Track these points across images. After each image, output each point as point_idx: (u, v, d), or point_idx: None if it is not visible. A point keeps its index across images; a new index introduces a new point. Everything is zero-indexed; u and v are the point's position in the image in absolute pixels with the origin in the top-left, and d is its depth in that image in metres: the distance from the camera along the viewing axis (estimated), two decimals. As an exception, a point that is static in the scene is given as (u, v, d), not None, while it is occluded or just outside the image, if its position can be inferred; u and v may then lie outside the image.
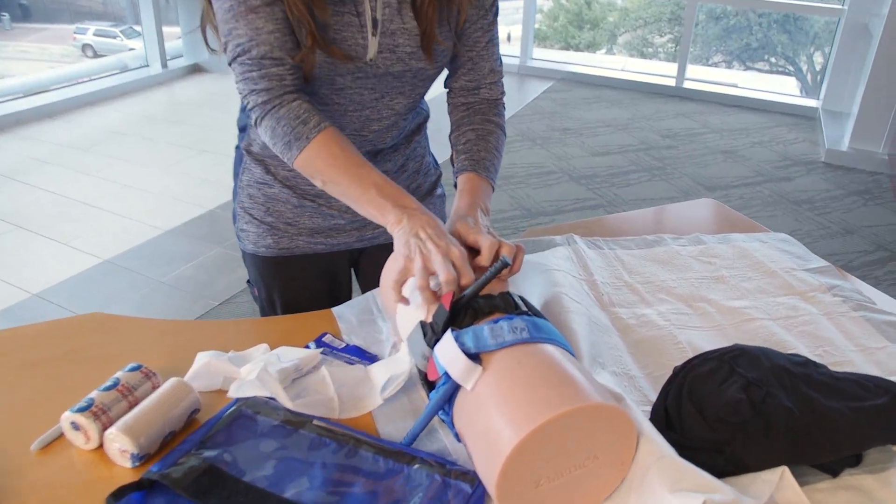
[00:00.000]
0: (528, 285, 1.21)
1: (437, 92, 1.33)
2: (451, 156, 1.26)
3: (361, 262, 1.48)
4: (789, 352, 1.05)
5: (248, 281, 1.48)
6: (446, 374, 0.83)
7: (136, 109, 5.54)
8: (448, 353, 0.84)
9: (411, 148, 1.38)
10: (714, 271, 1.34)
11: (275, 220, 1.34)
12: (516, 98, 5.83)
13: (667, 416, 0.90)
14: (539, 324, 0.88)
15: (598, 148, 4.73)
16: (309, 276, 1.41)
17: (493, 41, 1.26)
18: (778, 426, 0.83)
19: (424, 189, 1.45)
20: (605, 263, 1.36)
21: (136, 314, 2.85)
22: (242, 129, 1.34)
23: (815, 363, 0.94)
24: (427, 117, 1.42)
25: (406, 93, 1.22)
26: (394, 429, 0.94)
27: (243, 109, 1.30)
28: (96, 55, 9.34)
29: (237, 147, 1.36)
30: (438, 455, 0.89)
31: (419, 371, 0.92)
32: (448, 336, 0.86)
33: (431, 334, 0.89)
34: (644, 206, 3.85)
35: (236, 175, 1.37)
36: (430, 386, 0.91)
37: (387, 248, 1.04)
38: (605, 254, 1.40)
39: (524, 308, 0.92)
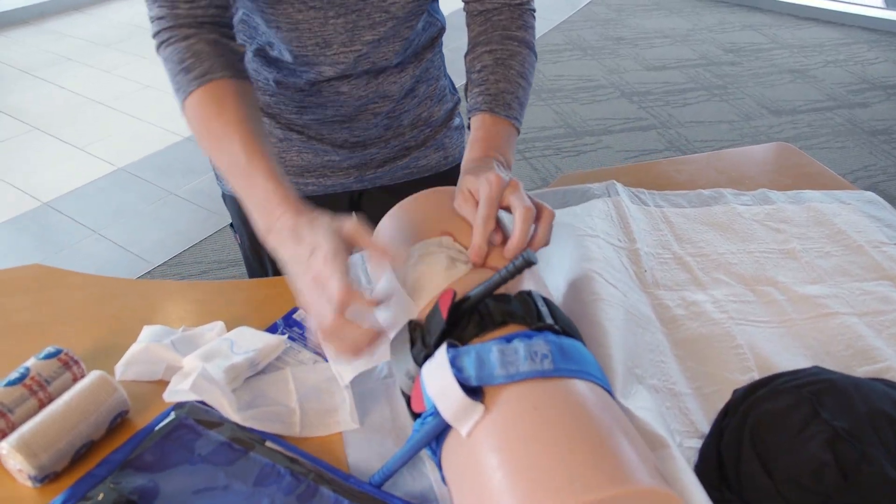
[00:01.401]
0: (553, 255, 0.99)
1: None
2: (465, 85, 1.01)
3: (363, 205, 1.27)
4: (879, 364, 0.87)
5: (231, 225, 1.27)
6: (436, 407, 0.63)
7: (165, 3, 5.32)
8: (439, 382, 0.62)
9: (422, 68, 1.13)
10: (784, 242, 1.10)
11: None
12: (568, 2, 5.44)
13: (720, 465, 0.70)
14: (567, 347, 0.65)
15: (654, 61, 4.39)
16: None
17: None
18: None
19: (439, 119, 1.21)
20: (650, 226, 1.12)
21: (145, 229, 2.78)
22: None
23: None
24: (442, 30, 1.16)
25: None
26: (368, 453, 0.75)
27: None
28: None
29: None
30: (420, 501, 0.70)
31: (402, 392, 0.71)
32: (441, 356, 0.63)
33: (421, 346, 0.67)
34: (700, 129, 3.56)
35: None
36: (414, 413, 0.70)
37: (392, 190, 0.81)
38: (650, 212, 1.16)
39: (549, 319, 0.69)
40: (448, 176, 1.25)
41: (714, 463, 0.71)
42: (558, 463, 0.55)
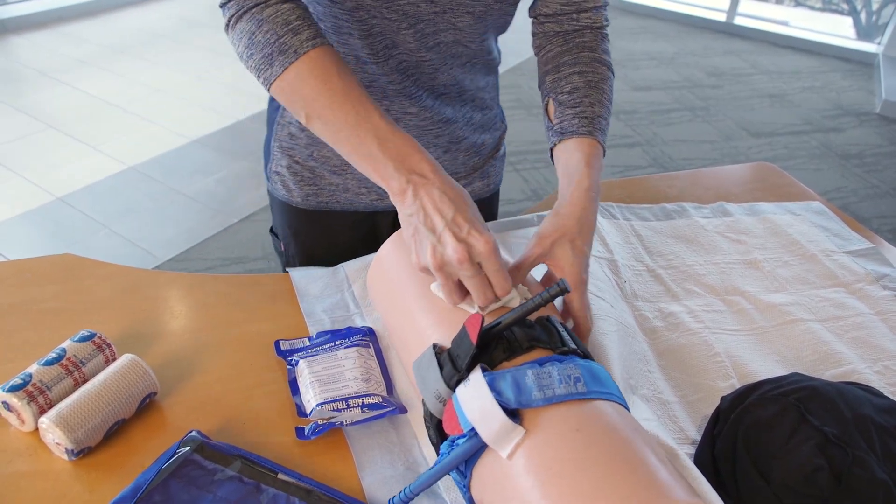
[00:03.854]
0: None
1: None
2: (546, 106, 0.97)
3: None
4: (844, 367, 0.94)
5: (272, 230, 1.27)
6: (473, 430, 0.62)
7: (177, 12, 5.49)
8: (480, 405, 0.62)
9: (480, 97, 1.13)
10: (745, 253, 1.16)
11: (318, 166, 1.12)
12: (560, 22, 5.59)
13: (716, 472, 0.72)
14: (595, 370, 0.66)
15: (641, 82, 4.55)
16: (347, 232, 1.20)
17: None
18: None
19: (488, 148, 1.20)
20: (622, 239, 1.17)
21: (153, 226, 2.86)
22: None
23: None
24: (499, 62, 1.15)
25: (475, 11, 0.94)
26: (382, 476, 0.75)
27: None
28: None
29: None
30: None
31: (427, 413, 0.71)
32: (479, 380, 0.63)
33: (452, 370, 0.67)
34: (683, 147, 3.72)
35: (276, 106, 1.12)
36: (440, 435, 0.69)
37: None
38: (620, 225, 1.21)
39: (571, 343, 0.69)
40: (486, 202, 1.26)
41: (710, 469, 0.72)
42: (608, 485, 0.55)
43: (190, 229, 2.86)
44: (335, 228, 1.20)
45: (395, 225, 1.24)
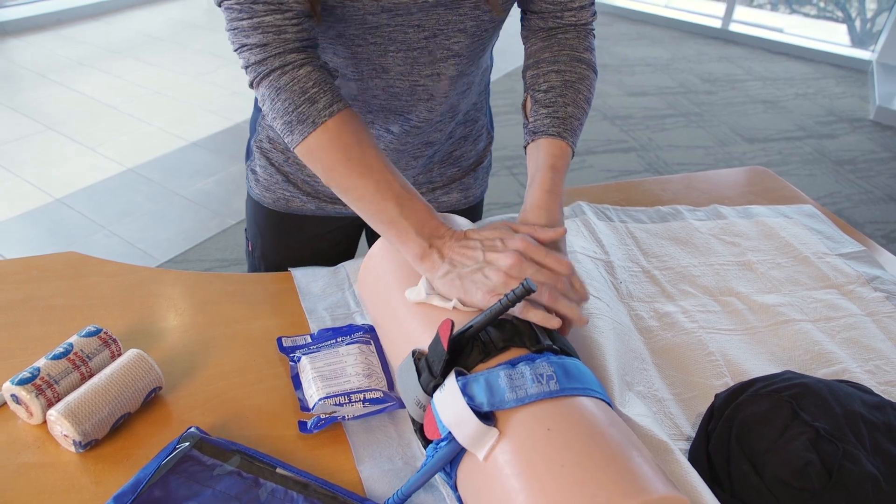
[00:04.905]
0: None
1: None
2: (524, 102, 0.98)
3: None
4: (836, 366, 0.95)
5: (246, 231, 1.28)
6: (450, 434, 0.65)
7: (176, 14, 5.51)
8: (453, 410, 0.64)
9: (470, 114, 1.13)
10: (740, 255, 1.18)
11: (293, 172, 1.13)
12: (556, 27, 5.62)
13: (710, 466, 0.74)
14: (569, 367, 0.67)
15: (635, 88, 4.57)
16: (313, 237, 1.22)
17: None
18: (863, 500, 0.65)
19: (469, 159, 1.20)
20: (617, 240, 1.18)
21: (152, 227, 2.86)
22: None
23: (891, 404, 0.76)
24: (489, 69, 1.11)
25: (467, 30, 0.93)
26: (380, 471, 0.76)
27: None
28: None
29: None
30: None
31: (412, 419, 0.74)
32: (452, 386, 0.65)
33: (429, 376, 0.69)
34: (677, 153, 3.74)
35: (259, 108, 1.11)
36: (425, 438, 0.71)
37: None
38: (615, 227, 1.22)
39: (547, 340, 0.71)
40: (464, 214, 1.24)
41: (704, 465, 0.73)
42: (577, 484, 0.56)
43: (188, 231, 2.86)
44: (301, 235, 1.21)
45: (362, 226, 1.27)
